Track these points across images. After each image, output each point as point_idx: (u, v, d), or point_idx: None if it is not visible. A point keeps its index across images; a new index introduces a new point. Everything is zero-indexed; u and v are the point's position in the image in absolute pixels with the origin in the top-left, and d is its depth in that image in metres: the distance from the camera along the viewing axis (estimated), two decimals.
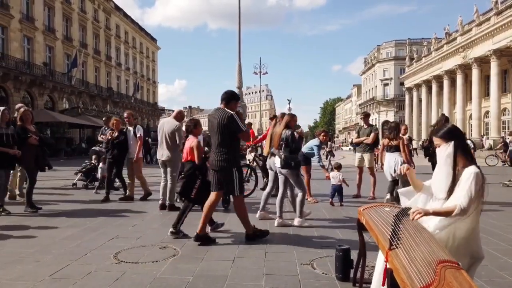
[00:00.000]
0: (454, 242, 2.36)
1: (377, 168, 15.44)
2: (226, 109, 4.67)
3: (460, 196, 2.34)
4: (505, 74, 34.16)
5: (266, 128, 15.87)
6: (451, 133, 2.55)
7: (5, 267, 3.71)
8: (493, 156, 21.52)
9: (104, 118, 10.00)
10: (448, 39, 40.82)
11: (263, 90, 68.01)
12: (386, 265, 2.12)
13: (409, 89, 53.52)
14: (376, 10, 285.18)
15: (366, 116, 8.95)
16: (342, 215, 6.39)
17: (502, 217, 6.29)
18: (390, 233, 2.22)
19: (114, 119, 8.10)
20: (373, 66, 70.02)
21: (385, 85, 66.82)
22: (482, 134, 34.71)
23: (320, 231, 5.26)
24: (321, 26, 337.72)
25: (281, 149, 5.58)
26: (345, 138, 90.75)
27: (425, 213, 2.39)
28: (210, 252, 4.27)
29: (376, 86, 68.55)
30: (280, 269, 3.70)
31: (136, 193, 7.99)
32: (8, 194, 7.49)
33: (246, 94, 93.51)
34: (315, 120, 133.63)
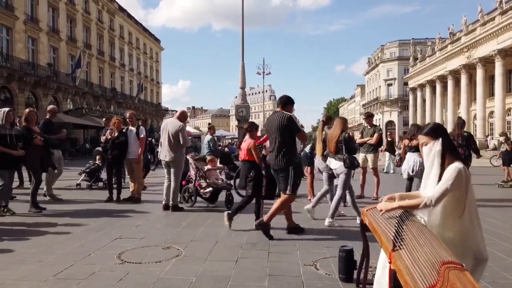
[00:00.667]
0: (447, 241, 2.28)
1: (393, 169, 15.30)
2: (284, 111, 5.02)
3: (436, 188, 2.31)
4: (509, 74, 33.90)
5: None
6: (438, 130, 2.51)
7: (9, 267, 3.73)
8: (497, 156, 21.37)
9: (104, 118, 9.99)
10: (452, 39, 40.60)
11: (266, 91, 68.01)
12: (390, 266, 2.11)
13: (413, 89, 53.29)
14: (379, 10, 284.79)
15: (369, 116, 8.94)
16: (345, 215, 6.37)
17: (506, 217, 6.26)
18: (393, 234, 2.21)
19: (116, 119, 8.06)
20: (377, 66, 69.76)
21: (389, 85, 66.55)
22: (486, 134, 34.49)
23: (323, 232, 5.25)
24: (324, 26, 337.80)
25: (338, 152, 5.76)
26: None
27: (389, 209, 2.42)
28: (213, 252, 4.28)
29: (380, 86, 68.30)
30: (283, 269, 3.70)
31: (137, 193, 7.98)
32: (46, 194, 7.81)
33: (249, 94, 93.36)
34: (319, 120, 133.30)
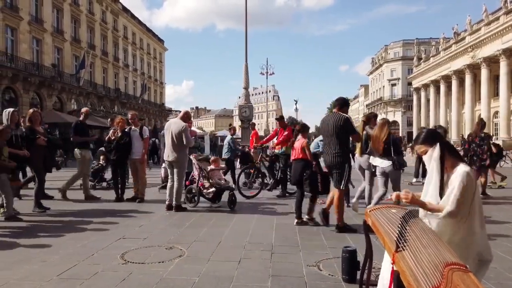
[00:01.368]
0: (451, 244, 2.31)
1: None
2: (341, 113, 5.23)
3: (449, 198, 2.32)
4: None
5: (273, 128, 15.84)
6: (433, 136, 2.54)
7: (12, 267, 3.75)
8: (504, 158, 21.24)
9: (109, 119, 10.01)
10: (456, 38, 40.42)
11: (269, 91, 67.96)
12: (393, 268, 2.09)
13: (417, 89, 53.10)
14: (384, 10, 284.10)
15: (373, 117, 8.89)
16: (348, 216, 6.34)
17: (510, 218, 6.20)
18: (396, 235, 2.19)
19: (120, 118, 8.04)
20: (381, 66, 69.56)
21: (393, 85, 66.34)
22: (491, 134, 34.36)
23: (326, 232, 5.23)
24: (328, 26, 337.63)
25: (385, 152, 5.97)
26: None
27: (413, 201, 2.44)
28: (216, 252, 4.28)
29: (383, 86, 68.10)
30: (286, 270, 3.69)
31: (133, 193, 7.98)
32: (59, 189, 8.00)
33: (252, 94, 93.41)
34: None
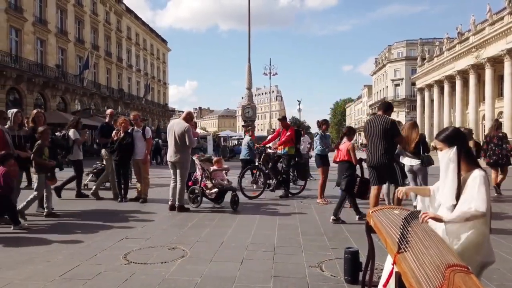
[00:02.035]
0: (461, 247, 2.31)
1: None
2: (386, 116, 5.43)
3: (472, 200, 2.30)
4: None
5: (275, 129, 15.80)
6: (454, 137, 2.50)
7: (16, 267, 3.77)
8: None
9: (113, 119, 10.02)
10: (460, 38, 40.23)
11: (272, 91, 67.87)
12: (394, 268, 2.09)
13: (421, 90, 52.89)
14: (387, 10, 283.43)
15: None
16: (351, 217, 6.34)
17: None
18: (398, 236, 2.19)
19: (123, 119, 8.04)
20: (384, 66, 69.39)
21: (396, 85, 66.16)
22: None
23: (328, 233, 5.23)
24: (332, 26, 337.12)
25: (416, 151, 6.36)
26: (355, 139, 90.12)
27: (436, 218, 2.34)
28: (219, 253, 4.28)
29: (387, 87, 67.92)
30: (288, 271, 3.69)
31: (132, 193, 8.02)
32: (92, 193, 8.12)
33: (256, 95, 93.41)
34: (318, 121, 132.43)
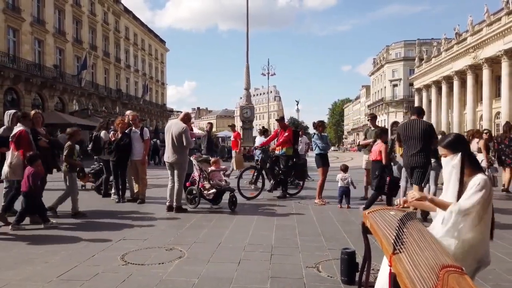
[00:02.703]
0: (459, 249, 2.32)
1: None
2: (424, 120, 5.84)
3: (464, 197, 2.33)
4: None
5: (273, 129, 15.80)
6: (457, 143, 2.52)
7: (14, 267, 3.77)
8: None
9: (112, 119, 10.01)
10: (458, 39, 40.39)
11: (271, 91, 67.94)
12: (391, 270, 2.11)
13: (419, 90, 53.06)
14: (387, 10, 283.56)
15: (373, 118, 8.93)
16: (348, 217, 6.36)
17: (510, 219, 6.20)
18: (394, 237, 2.21)
19: (121, 119, 8.03)
20: (382, 66, 69.54)
21: (394, 86, 66.31)
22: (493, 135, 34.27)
23: (326, 234, 5.24)
24: (331, 26, 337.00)
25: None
26: (353, 139, 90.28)
27: (419, 198, 2.49)
28: (216, 254, 4.29)
29: (385, 87, 68.07)
30: (285, 271, 3.70)
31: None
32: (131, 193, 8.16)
33: (254, 95, 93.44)
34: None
